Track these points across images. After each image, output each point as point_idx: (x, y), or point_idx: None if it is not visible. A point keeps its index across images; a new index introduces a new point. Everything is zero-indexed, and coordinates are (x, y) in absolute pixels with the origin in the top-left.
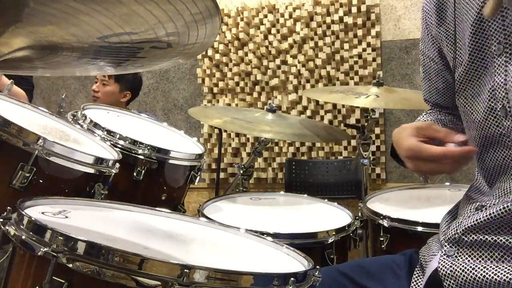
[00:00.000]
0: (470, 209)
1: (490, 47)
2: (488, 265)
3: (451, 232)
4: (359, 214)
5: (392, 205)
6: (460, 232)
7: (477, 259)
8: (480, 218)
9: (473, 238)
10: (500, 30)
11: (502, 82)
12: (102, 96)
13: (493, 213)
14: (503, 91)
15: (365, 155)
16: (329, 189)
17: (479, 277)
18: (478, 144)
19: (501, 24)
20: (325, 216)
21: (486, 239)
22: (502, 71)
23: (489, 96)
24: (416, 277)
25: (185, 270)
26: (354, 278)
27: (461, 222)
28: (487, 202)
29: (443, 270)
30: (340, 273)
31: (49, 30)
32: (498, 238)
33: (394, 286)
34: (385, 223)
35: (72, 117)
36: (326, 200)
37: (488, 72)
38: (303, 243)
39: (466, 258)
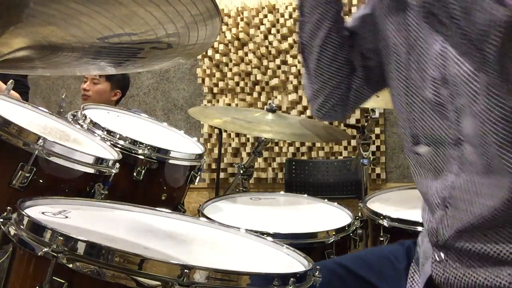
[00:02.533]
0: (436, 206)
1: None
2: (478, 271)
3: (432, 239)
4: (359, 214)
5: (392, 205)
6: (441, 240)
7: (466, 264)
8: (451, 225)
9: (454, 244)
10: None
11: (440, 51)
12: (93, 94)
13: (458, 218)
14: (441, 59)
15: (365, 155)
16: (329, 189)
17: (470, 284)
18: (422, 119)
19: None
20: (325, 216)
21: (466, 246)
22: (440, 39)
23: (430, 64)
24: (412, 272)
25: (185, 270)
26: (353, 269)
27: (436, 228)
28: (444, 193)
29: (438, 278)
30: (339, 265)
31: (49, 30)
32: (473, 246)
33: (393, 277)
34: (385, 223)
35: (72, 117)
36: (326, 200)
37: (429, 42)
38: (303, 243)
39: (456, 263)
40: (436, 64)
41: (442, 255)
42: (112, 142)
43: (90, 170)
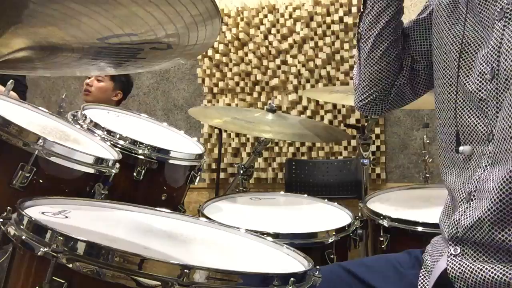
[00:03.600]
0: (462, 201)
1: (493, 13)
2: (495, 265)
3: (452, 231)
4: (359, 214)
5: (392, 205)
6: (461, 230)
7: (483, 258)
8: (472, 215)
9: (473, 236)
10: None
11: (497, 46)
12: (95, 91)
13: (478, 208)
14: (496, 54)
15: (365, 155)
16: (329, 189)
17: (488, 278)
18: (459, 113)
19: None
20: (325, 216)
21: (484, 238)
22: (499, 35)
23: (481, 60)
24: (422, 278)
25: (185, 270)
26: (357, 274)
27: (458, 219)
28: (470, 187)
29: (453, 272)
30: (344, 269)
31: (49, 31)
32: (492, 239)
33: (398, 284)
34: (385, 223)
35: (72, 117)
36: (326, 200)
37: (486, 39)
38: (303, 243)
39: (472, 258)
40: (488, 60)
41: (459, 249)
42: (112, 142)
43: (90, 170)
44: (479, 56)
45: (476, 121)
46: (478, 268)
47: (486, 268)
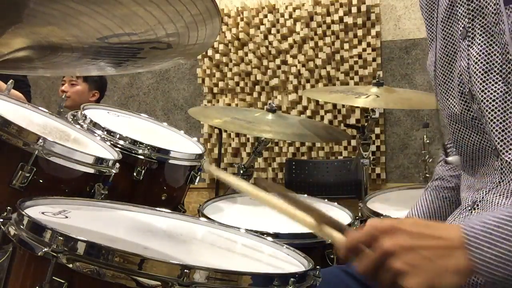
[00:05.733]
0: (465, 209)
1: (457, 31)
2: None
3: None
4: (359, 214)
5: (392, 205)
6: None
7: None
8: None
9: None
10: (465, 14)
11: (465, 66)
12: (72, 95)
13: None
14: (467, 75)
15: (365, 155)
16: (329, 189)
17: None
18: (456, 132)
19: (466, 8)
20: None
21: None
22: (465, 55)
23: (458, 81)
24: None
25: (185, 270)
26: (357, 276)
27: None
28: (477, 197)
29: None
30: (344, 271)
31: (49, 30)
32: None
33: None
34: None
35: (72, 117)
36: (326, 200)
37: (457, 57)
38: (303, 243)
39: None
40: (462, 81)
41: None
42: (112, 142)
43: (90, 170)
44: (454, 77)
45: (478, 137)
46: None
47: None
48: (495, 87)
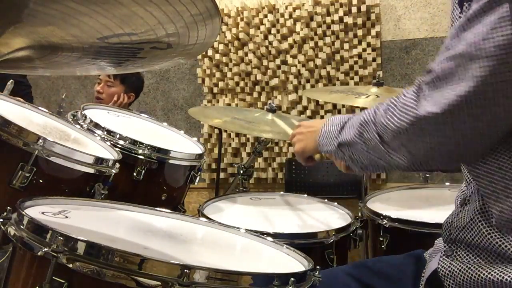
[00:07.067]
0: (458, 204)
1: None
2: (482, 265)
3: (446, 233)
4: (359, 214)
5: (392, 205)
6: (454, 232)
7: (473, 258)
8: (465, 217)
9: (465, 237)
10: None
11: None
12: (106, 97)
13: (471, 210)
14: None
15: None
16: (329, 189)
17: (475, 277)
18: None
19: None
20: (325, 216)
21: (475, 240)
22: None
23: None
24: (422, 280)
25: (185, 270)
26: (360, 278)
27: (451, 221)
28: (467, 193)
29: (442, 271)
30: (346, 273)
31: (49, 30)
32: (481, 241)
33: (399, 285)
34: (385, 223)
35: (72, 117)
36: (326, 200)
37: None
38: (303, 243)
39: (464, 258)
40: None
41: (453, 248)
42: (112, 142)
43: (90, 170)
44: None
45: None
46: (466, 267)
47: (474, 267)
48: None
